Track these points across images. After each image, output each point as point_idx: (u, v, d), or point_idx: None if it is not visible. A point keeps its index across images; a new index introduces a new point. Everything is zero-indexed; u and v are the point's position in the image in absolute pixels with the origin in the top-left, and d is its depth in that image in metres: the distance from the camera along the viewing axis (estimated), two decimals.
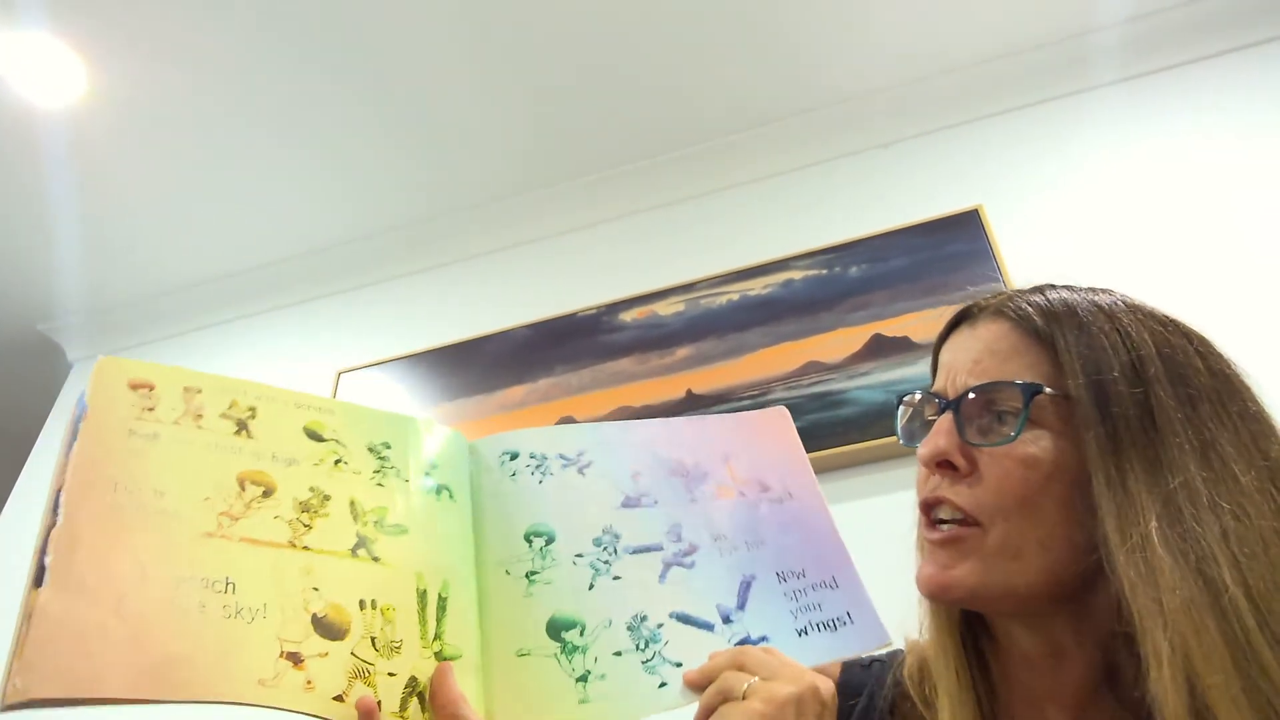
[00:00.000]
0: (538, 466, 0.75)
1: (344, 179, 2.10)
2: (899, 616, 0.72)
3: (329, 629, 0.59)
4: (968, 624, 0.66)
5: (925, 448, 0.63)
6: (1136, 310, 0.63)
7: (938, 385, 0.67)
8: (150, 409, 0.62)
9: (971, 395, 0.61)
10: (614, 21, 1.76)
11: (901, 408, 0.71)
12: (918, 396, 0.69)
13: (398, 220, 2.22)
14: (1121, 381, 0.57)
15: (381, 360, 2.07)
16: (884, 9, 1.78)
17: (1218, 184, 1.65)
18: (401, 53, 1.80)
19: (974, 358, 0.64)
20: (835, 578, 0.73)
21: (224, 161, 2.02)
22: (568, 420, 1.81)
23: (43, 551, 0.52)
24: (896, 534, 0.82)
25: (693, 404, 1.73)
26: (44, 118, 1.86)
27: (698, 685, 0.62)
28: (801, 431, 1.79)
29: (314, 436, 0.68)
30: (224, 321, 2.37)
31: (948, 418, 0.62)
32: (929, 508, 0.63)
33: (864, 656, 0.74)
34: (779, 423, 0.85)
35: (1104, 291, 0.66)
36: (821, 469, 1.57)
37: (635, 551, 0.71)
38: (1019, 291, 0.67)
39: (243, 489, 0.62)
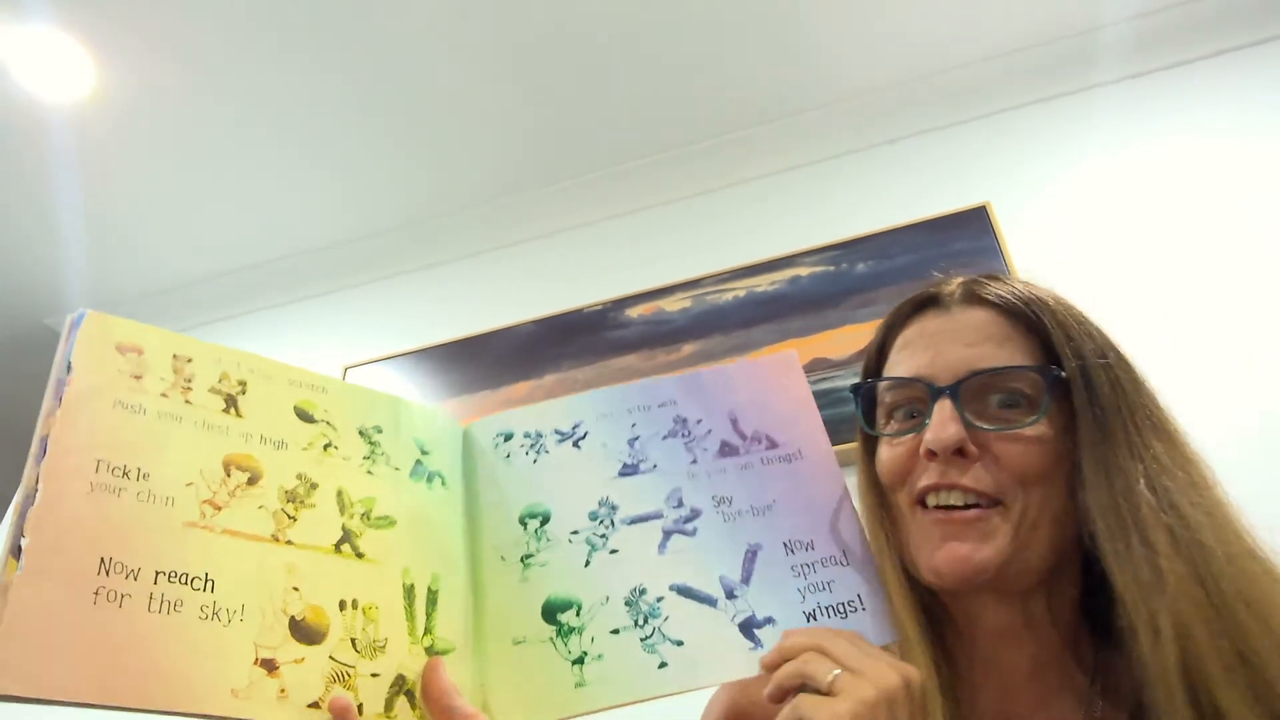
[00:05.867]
0: (532, 445, 0.73)
1: (350, 175, 2.10)
2: None
3: (307, 633, 0.57)
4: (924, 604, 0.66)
5: (942, 434, 0.61)
6: (1073, 303, 0.66)
7: (916, 371, 0.65)
8: (138, 377, 0.58)
9: (975, 379, 0.62)
10: (619, 16, 1.76)
11: (864, 398, 0.70)
12: (882, 384, 0.68)
13: (404, 217, 2.22)
14: (1099, 365, 0.61)
15: (387, 356, 2.07)
16: (890, 6, 1.77)
17: (1226, 181, 1.64)
18: (406, 51, 1.80)
19: (965, 341, 0.64)
20: (845, 553, 0.66)
21: (230, 158, 2.02)
22: None
23: (20, 528, 0.49)
24: None
25: None
26: (51, 112, 1.86)
27: (773, 665, 0.57)
28: None
29: (304, 417, 0.65)
30: (230, 317, 2.37)
31: (948, 404, 0.61)
32: (927, 493, 0.63)
33: None
34: (789, 370, 0.76)
35: (1032, 284, 0.68)
36: None
37: (633, 522, 0.68)
38: (975, 280, 0.68)
39: (228, 474, 0.59)
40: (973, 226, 1.71)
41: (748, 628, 0.63)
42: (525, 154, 2.07)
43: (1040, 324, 0.63)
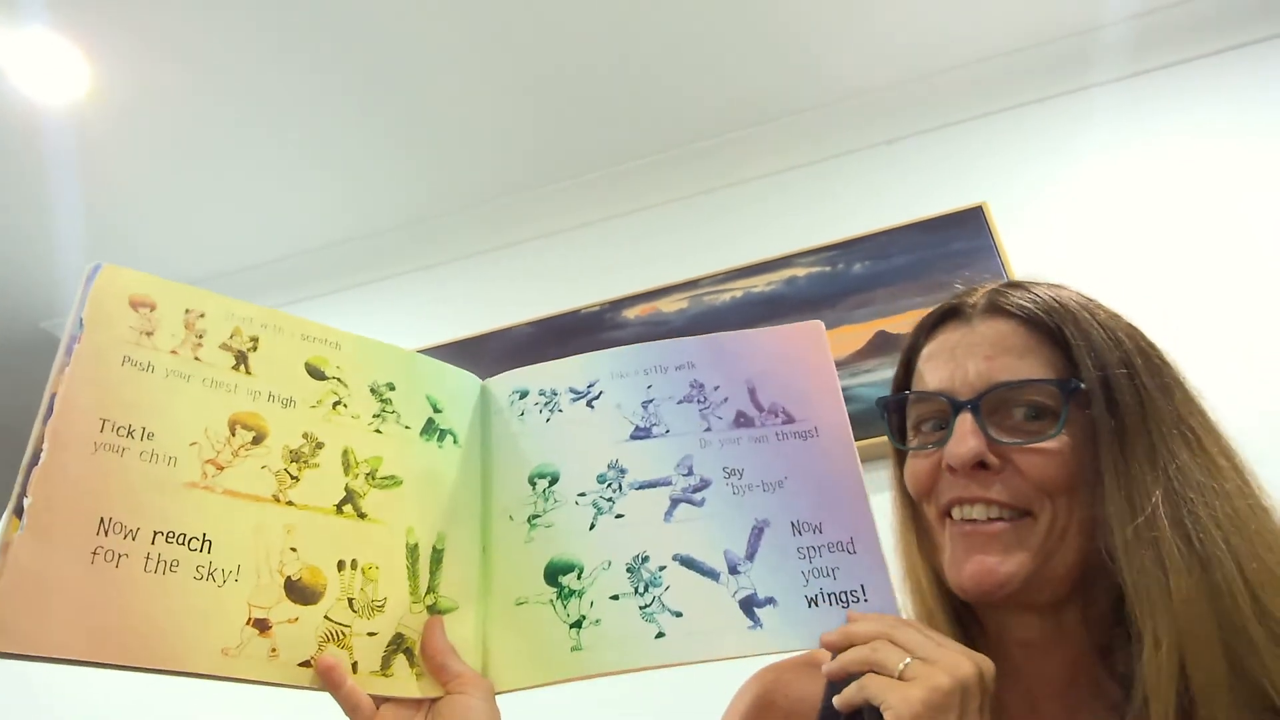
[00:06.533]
0: (547, 404, 0.72)
1: (346, 176, 2.09)
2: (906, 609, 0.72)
3: (302, 593, 0.57)
4: (956, 614, 0.67)
5: (959, 449, 0.61)
6: (1102, 306, 0.65)
7: (939, 385, 0.65)
8: (149, 333, 0.59)
9: (995, 393, 0.61)
10: (616, 17, 1.76)
11: (891, 411, 0.71)
12: (908, 398, 0.69)
13: (400, 218, 2.22)
14: (1122, 374, 0.60)
15: None
16: (888, 6, 1.77)
17: (1223, 181, 1.64)
18: (405, 50, 1.79)
19: (985, 354, 0.64)
20: (854, 540, 0.64)
21: (226, 159, 2.01)
22: None
23: (23, 488, 0.50)
24: None
25: None
26: (47, 115, 1.86)
27: (836, 646, 0.57)
28: None
29: (315, 374, 0.65)
30: None
31: (969, 418, 0.61)
32: (952, 506, 0.63)
33: None
34: (813, 340, 0.73)
35: (1061, 287, 0.67)
36: None
37: (641, 487, 0.67)
38: (998, 290, 0.68)
39: (233, 434, 0.59)
40: (969, 226, 1.71)
41: (748, 605, 0.62)
42: (521, 155, 2.07)
43: (1061, 334, 0.62)
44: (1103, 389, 0.59)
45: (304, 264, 2.31)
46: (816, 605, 0.61)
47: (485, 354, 1.98)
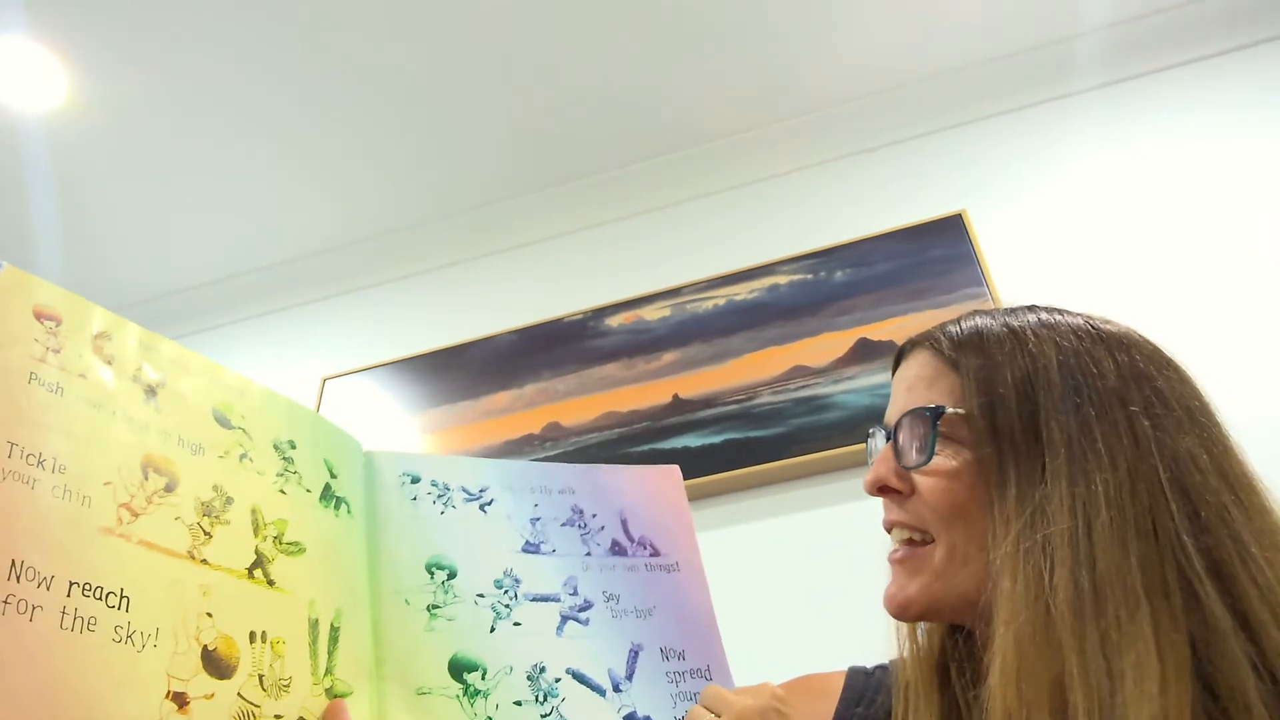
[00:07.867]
0: (439, 496, 0.73)
1: (328, 185, 2.08)
2: (884, 621, 0.72)
3: (218, 666, 0.52)
4: (953, 639, 0.67)
5: (867, 476, 0.67)
6: (1048, 325, 0.63)
7: (885, 420, 0.70)
8: (56, 351, 0.52)
9: (901, 423, 0.65)
10: (599, 28, 1.77)
11: (868, 443, 0.74)
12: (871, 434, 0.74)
13: (382, 226, 2.21)
14: (1010, 399, 0.59)
15: (367, 366, 2.06)
16: (869, 14, 1.79)
17: (1200, 188, 1.66)
18: (387, 59, 1.79)
19: (907, 387, 0.68)
20: (710, 668, 0.73)
21: (207, 167, 2.00)
22: (554, 426, 1.81)
23: None
24: (881, 538, 0.83)
25: (679, 409, 1.73)
26: (23, 123, 1.84)
27: None
28: (787, 436, 1.78)
29: (222, 421, 0.60)
30: (206, 329, 2.35)
31: (888, 446, 0.67)
32: (888, 532, 0.67)
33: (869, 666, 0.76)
34: (671, 483, 0.83)
35: (1027, 310, 0.67)
36: (807, 473, 1.58)
37: (535, 599, 0.71)
38: (943, 324, 0.70)
39: (146, 477, 0.53)
40: (950, 234, 1.73)
41: None
42: (504, 163, 2.07)
43: (956, 362, 0.64)
44: (985, 413, 0.60)
45: (283, 274, 2.30)
46: None
47: (468, 362, 1.97)
